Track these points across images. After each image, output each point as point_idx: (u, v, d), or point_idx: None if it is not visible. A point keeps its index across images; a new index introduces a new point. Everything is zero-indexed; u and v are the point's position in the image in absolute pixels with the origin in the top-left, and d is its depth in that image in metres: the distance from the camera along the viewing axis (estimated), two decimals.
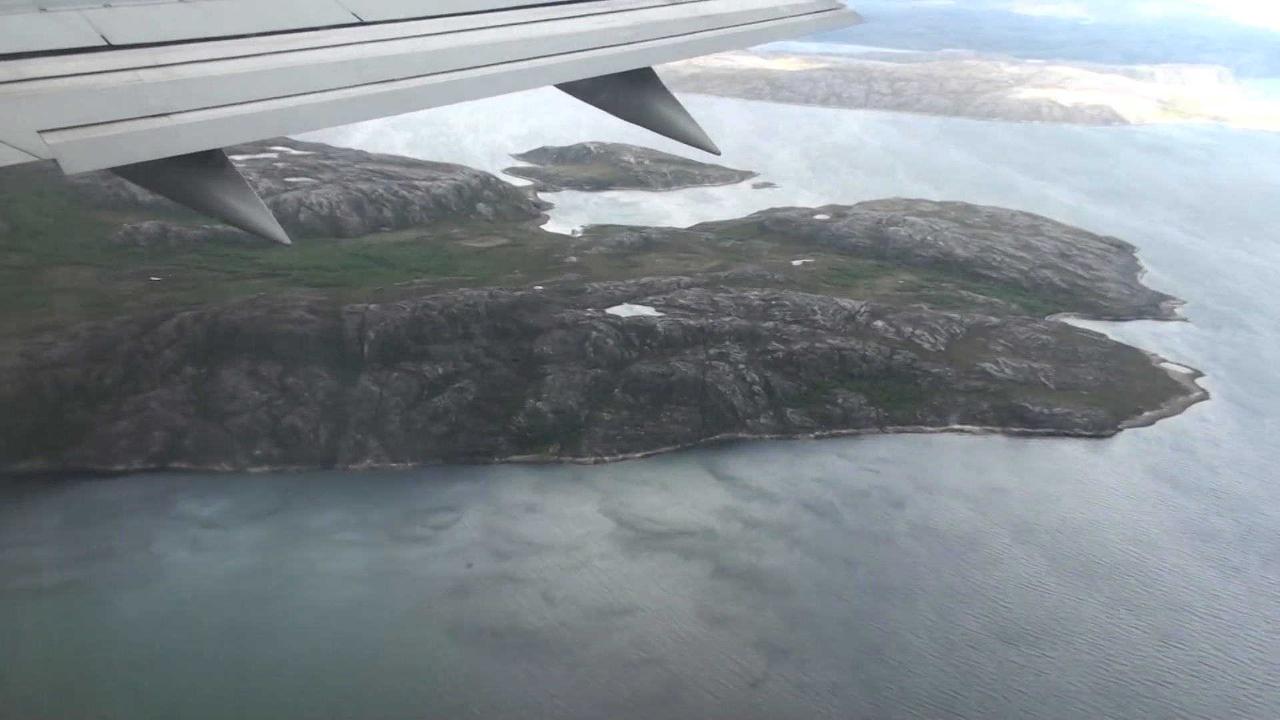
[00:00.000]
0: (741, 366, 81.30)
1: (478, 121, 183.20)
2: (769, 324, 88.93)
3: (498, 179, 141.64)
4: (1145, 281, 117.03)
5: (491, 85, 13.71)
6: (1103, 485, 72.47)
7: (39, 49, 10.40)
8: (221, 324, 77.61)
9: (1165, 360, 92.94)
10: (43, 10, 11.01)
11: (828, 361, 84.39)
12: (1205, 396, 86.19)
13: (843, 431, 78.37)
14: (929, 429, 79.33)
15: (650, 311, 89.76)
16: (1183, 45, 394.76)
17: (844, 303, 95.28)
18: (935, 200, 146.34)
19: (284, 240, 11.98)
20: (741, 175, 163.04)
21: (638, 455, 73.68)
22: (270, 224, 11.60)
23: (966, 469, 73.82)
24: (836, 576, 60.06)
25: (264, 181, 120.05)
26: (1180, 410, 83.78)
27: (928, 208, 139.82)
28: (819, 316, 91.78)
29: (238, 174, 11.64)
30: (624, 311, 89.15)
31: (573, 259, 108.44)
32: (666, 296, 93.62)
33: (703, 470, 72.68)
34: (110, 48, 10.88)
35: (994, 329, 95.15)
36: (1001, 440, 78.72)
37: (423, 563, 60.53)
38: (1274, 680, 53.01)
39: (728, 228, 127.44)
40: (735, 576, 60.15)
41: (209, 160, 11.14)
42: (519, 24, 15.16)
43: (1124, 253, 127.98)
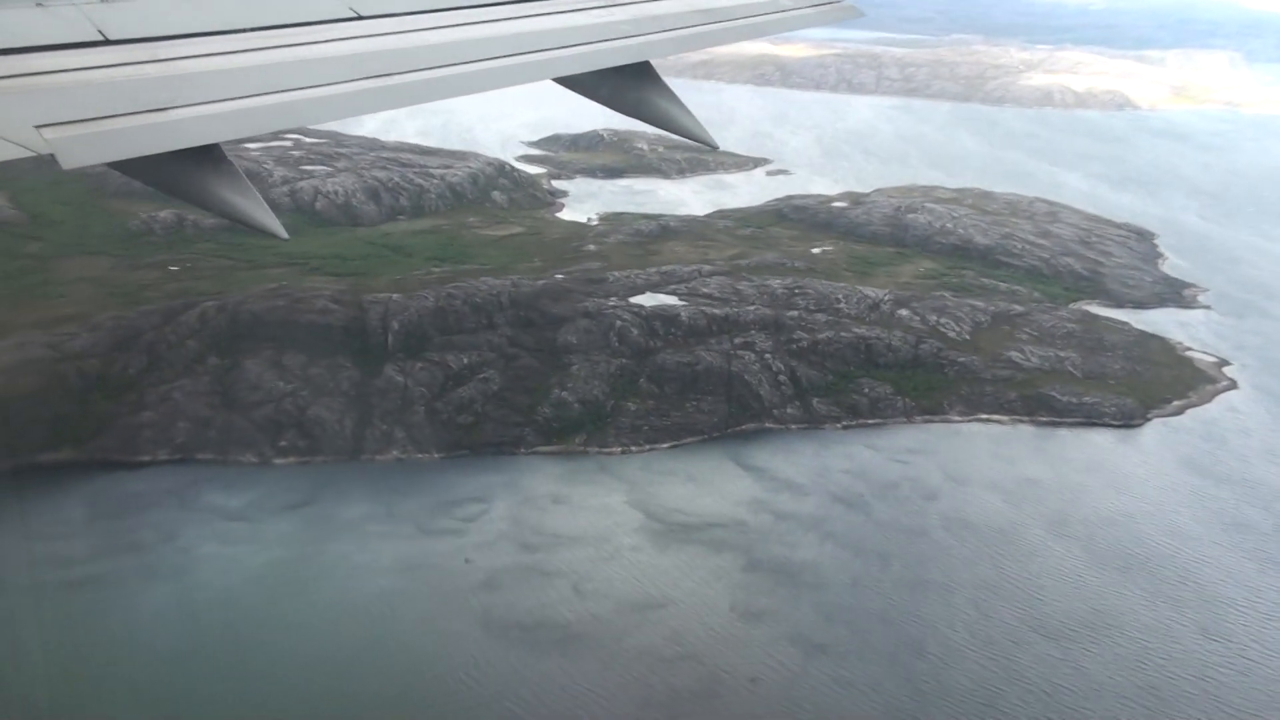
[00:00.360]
0: (767, 356, 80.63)
1: (488, 109, 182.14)
2: (793, 313, 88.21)
3: (512, 166, 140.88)
4: (1166, 269, 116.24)
5: (489, 79, 13.64)
6: (1135, 476, 71.82)
7: (37, 44, 10.32)
8: (244, 314, 77.02)
9: (1191, 349, 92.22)
10: (40, 5, 10.94)
11: (853, 350, 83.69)
12: (1233, 386, 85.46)
13: (869, 421, 77.72)
14: (956, 419, 78.69)
15: (673, 300, 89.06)
16: (1192, 30, 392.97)
17: (867, 291, 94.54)
18: (951, 187, 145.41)
19: (281, 234, 12.00)
20: (755, 162, 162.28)
21: (664, 446, 73.08)
22: (267, 218, 11.57)
23: (997, 460, 73.17)
24: (871, 570, 59.43)
25: (279, 170, 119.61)
26: (1209, 399, 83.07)
27: (945, 194, 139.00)
28: (843, 305, 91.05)
29: (235, 168, 11.53)
30: (647, 300, 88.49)
31: (591, 247, 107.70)
32: (689, 285, 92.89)
33: (730, 461, 72.06)
34: (108, 43, 10.83)
35: (1018, 317, 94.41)
36: (1030, 430, 78.06)
37: (453, 555, 59.92)
38: None
39: (745, 215, 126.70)
40: (768, 570, 59.55)
41: (206, 155, 11.00)
42: (517, 18, 15.05)
43: (1143, 240, 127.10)
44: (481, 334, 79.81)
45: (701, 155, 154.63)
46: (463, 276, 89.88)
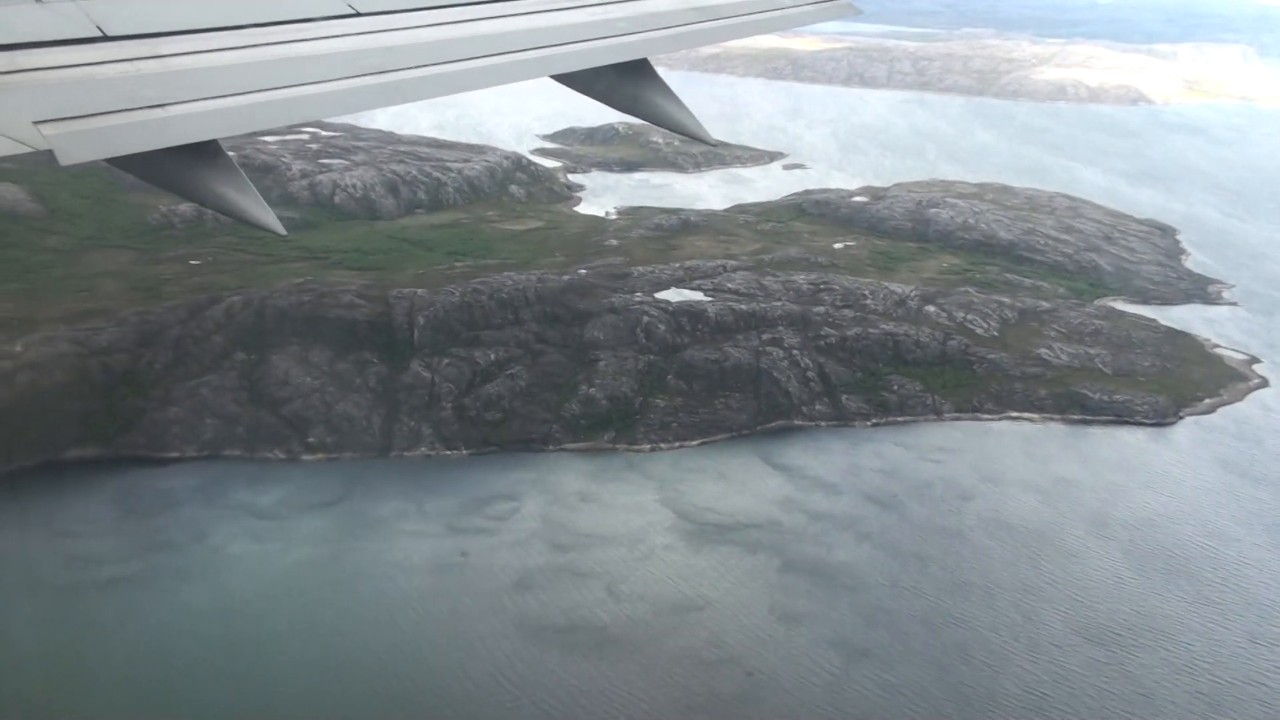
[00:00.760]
0: (795, 352, 79.84)
1: (501, 101, 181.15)
2: (820, 309, 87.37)
3: (529, 160, 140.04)
4: (1190, 265, 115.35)
5: (488, 76, 13.60)
6: (1171, 476, 71.00)
7: (34, 40, 10.32)
8: (270, 309, 76.21)
9: (1219, 346, 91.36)
10: (39, 1, 10.99)
11: (881, 347, 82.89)
12: (1265, 384, 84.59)
13: (899, 419, 76.98)
14: (987, 416, 77.90)
15: (699, 296, 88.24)
16: (1203, 24, 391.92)
17: (894, 287, 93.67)
18: (972, 182, 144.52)
19: (280, 231, 11.91)
20: (771, 156, 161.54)
21: (694, 443, 72.34)
22: (266, 215, 11.57)
23: (1030, 459, 72.34)
24: (909, 572, 58.64)
25: (297, 163, 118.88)
26: (1241, 398, 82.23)
27: (965, 189, 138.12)
28: (870, 301, 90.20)
29: (233, 165, 11.58)
30: (672, 296, 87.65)
31: (612, 242, 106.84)
32: (714, 280, 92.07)
33: (759, 459, 71.28)
34: (106, 38, 10.83)
35: (1045, 314, 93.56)
36: (1061, 428, 77.25)
37: (485, 554, 59.14)
38: None
39: (765, 209, 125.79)
40: (804, 571, 58.76)
41: (205, 151, 11.08)
42: (515, 15, 15.05)
43: (1166, 235, 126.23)
44: (508, 329, 79.06)
45: (717, 149, 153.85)
46: (486, 271, 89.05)
